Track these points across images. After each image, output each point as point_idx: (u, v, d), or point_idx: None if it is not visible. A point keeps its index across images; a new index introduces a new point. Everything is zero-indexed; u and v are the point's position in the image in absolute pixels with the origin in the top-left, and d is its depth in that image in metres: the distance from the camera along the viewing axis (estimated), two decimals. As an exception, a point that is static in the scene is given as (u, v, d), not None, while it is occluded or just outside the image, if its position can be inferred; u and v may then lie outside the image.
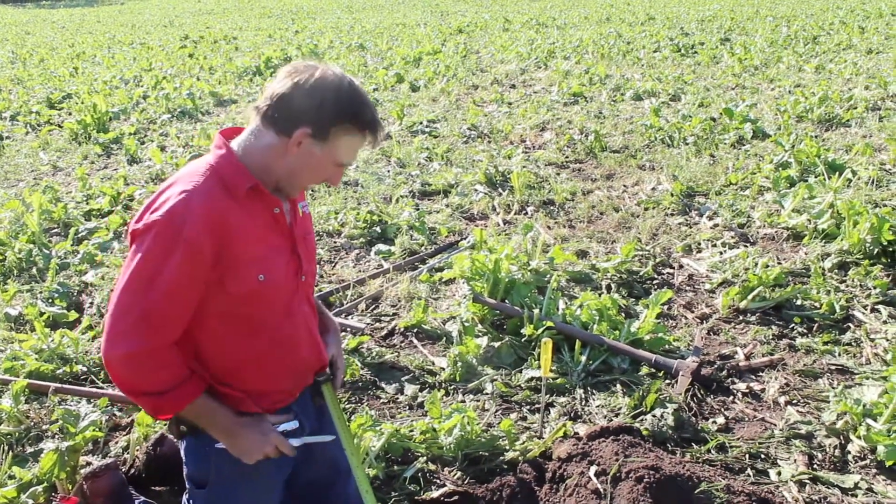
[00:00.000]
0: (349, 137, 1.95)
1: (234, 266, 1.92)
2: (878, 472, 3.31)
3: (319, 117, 1.90)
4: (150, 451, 3.24)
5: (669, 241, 6.00)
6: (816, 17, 23.09)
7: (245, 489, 2.20)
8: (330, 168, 1.99)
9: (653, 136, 9.04)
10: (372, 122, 1.96)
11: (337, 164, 1.99)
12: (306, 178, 2.01)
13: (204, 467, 2.17)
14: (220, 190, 1.92)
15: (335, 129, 1.92)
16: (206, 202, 1.87)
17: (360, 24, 27.45)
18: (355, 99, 1.94)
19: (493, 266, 4.74)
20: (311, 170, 1.98)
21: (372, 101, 2.00)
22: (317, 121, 1.90)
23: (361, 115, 1.94)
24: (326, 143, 1.93)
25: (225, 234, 1.88)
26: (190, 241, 1.83)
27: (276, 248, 2.03)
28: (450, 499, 3.15)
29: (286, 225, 2.07)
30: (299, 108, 1.89)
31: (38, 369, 4.15)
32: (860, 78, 12.21)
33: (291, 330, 2.12)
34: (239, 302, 1.97)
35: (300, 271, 2.11)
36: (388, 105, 11.65)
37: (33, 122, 11.39)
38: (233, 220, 1.90)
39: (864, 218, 5.32)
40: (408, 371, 4.24)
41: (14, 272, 5.67)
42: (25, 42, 26.22)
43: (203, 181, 1.91)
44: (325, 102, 1.89)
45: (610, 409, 3.82)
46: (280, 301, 2.07)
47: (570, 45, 18.17)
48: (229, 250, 1.90)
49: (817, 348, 4.33)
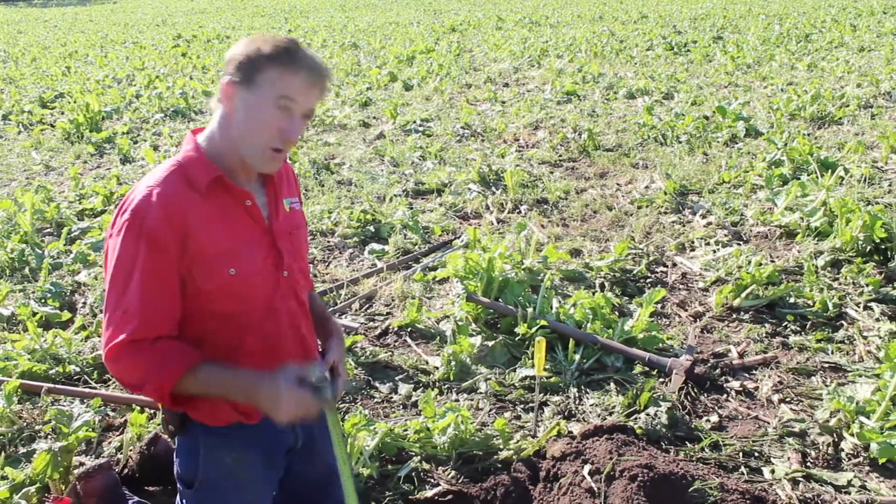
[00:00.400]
0: (278, 72, 1.86)
1: (201, 260, 1.92)
2: (872, 469, 3.32)
3: (241, 62, 1.87)
4: (144, 450, 3.23)
5: (663, 239, 6.00)
6: (809, 15, 23.16)
7: (233, 489, 2.17)
8: (270, 111, 1.88)
9: (646, 135, 9.06)
10: (299, 55, 1.88)
11: (278, 106, 1.88)
12: (256, 133, 1.91)
13: (192, 466, 2.15)
14: (183, 184, 1.92)
15: (260, 68, 1.87)
16: (166, 196, 1.88)
17: (353, 23, 27.43)
18: (277, 40, 1.89)
19: (487, 265, 4.74)
20: (254, 120, 1.90)
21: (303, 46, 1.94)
22: (239, 66, 1.88)
23: (283, 47, 1.88)
24: (255, 84, 1.87)
25: (186, 227, 1.88)
26: (151, 235, 1.84)
27: (249, 242, 2.00)
28: (444, 498, 3.15)
29: (262, 218, 2.03)
30: (227, 66, 1.90)
31: (30, 369, 4.13)
32: (852, 76, 12.25)
33: (274, 327, 2.09)
34: (214, 297, 1.96)
35: (281, 266, 2.06)
36: (382, 104, 11.64)
37: (25, 122, 11.35)
38: (195, 214, 1.90)
39: (857, 216, 5.33)
40: (402, 370, 4.24)
41: (6, 272, 5.65)
42: (17, 41, 26.12)
43: (165, 177, 1.92)
44: (247, 48, 1.88)
45: (604, 408, 3.82)
46: (259, 297, 2.04)
47: (563, 43, 18.18)
48: (193, 244, 1.89)
49: (810, 346, 4.34)
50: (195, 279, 1.93)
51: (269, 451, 2.20)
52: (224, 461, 2.11)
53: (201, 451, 2.12)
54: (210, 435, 2.10)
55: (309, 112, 1.94)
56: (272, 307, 2.08)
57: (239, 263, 1.97)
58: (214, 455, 2.10)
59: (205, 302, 1.97)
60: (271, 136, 1.91)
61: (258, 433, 2.14)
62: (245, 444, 2.12)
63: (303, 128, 1.95)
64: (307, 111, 1.93)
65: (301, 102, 1.90)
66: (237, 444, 2.10)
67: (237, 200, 1.99)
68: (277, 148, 1.92)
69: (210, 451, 2.11)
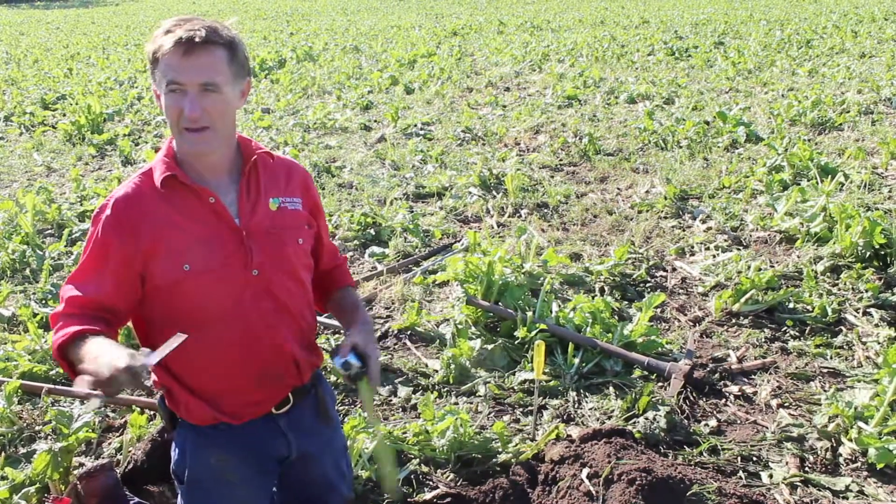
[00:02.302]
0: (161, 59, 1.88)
1: (155, 258, 1.96)
2: (870, 474, 3.32)
3: (148, 63, 1.94)
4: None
5: (663, 244, 6.01)
6: (810, 20, 23.18)
7: (220, 489, 2.18)
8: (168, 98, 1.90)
9: (646, 140, 9.07)
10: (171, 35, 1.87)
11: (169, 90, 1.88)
12: (169, 122, 1.94)
13: (182, 462, 2.17)
14: (145, 186, 2.01)
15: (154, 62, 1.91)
16: (125, 196, 1.99)
17: (354, 27, 27.46)
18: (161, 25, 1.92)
19: (487, 268, 4.75)
20: (165, 113, 1.93)
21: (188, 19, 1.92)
22: (148, 67, 1.94)
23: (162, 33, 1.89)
24: (156, 80, 1.92)
25: (140, 224, 1.96)
26: (98, 236, 1.97)
27: (208, 239, 2.00)
28: (442, 500, 3.15)
29: (228, 215, 2.02)
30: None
31: (31, 370, 4.14)
32: (853, 82, 12.26)
33: (243, 325, 2.05)
34: (171, 294, 1.99)
35: (250, 265, 2.03)
36: (383, 107, 11.67)
37: (27, 123, 11.37)
38: (153, 212, 1.97)
39: (857, 221, 5.34)
40: (401, 373, 4.24)
41: (7, 273, 5.67)
42: (20, 43, 26.15)
43: (134, 179, 2.03)
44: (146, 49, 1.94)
45: (602, 412, 3.83)
46: (222, 294, 2.02)
47: (565, 48, 18.20)
48: (147, 240, 1.95)
49: (809, 351, 4.34)
50: (153, 275, 1.98)
51: (258, 455, 2.18)
52: (209, 461, 2.13)
53: (188, 449, 2.14)
54: (196, 434, 2.13)
55: (206, 84, 1.89)
56: (240, 307, 2.05)
57: (193, 259, 1.97)
58: (200, 454, 2.13)
59: (165, 299, 2.01)
60: (175, 119, 1.91)
61: (244, 436, 2.14)
62: (230, 446, 2.12)
63: (208, 101, 1.90)
64: (200, 84, 1.88)
65: (184, 79, 1.87)
66: (222, 445, 2.11)
67: (200, 198, 2.00)
68: (186, 128, 1.92)
69: (196, 450, 2.14)
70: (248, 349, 2.08)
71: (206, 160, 2.02)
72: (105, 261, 1.96)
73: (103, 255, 1.96)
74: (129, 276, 1.96)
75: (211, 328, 2.03)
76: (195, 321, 2.01)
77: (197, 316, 2.02)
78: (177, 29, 1.87)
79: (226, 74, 1.91)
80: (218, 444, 2.10)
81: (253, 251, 2.03)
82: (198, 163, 2.02)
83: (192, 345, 1.98)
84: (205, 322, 2.02)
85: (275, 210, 2.11)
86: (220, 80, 1.90)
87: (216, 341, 2.05)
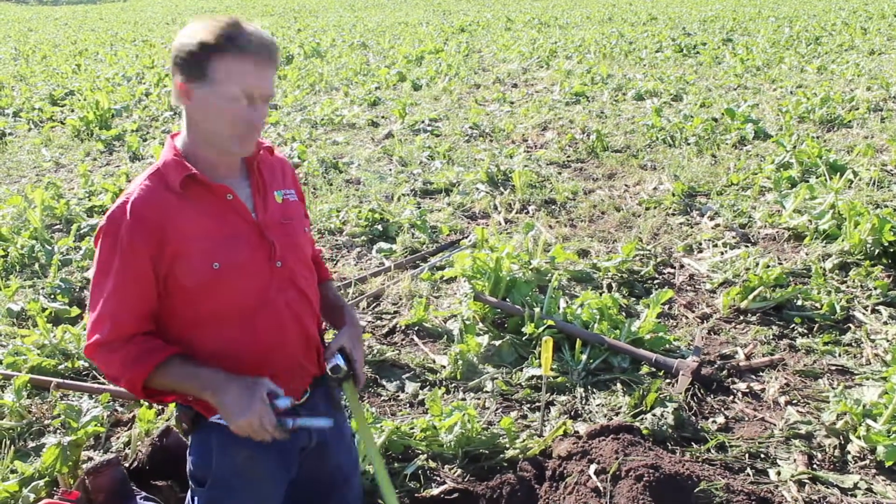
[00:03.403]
0: (227, 63, 1.84)
1: (182, 259, 1.94)
2: (878, 472, 3.31)
3: (187, 59, 1.85)
4: (156, 441, 3.24)
5: (670, 240, 6.00)
6: (819, 17, 23.08)
7: (245, 487, 2.16)
8: (229, 104, 1.87)
9: (654, 136, 9.04)
10: (243, 39, 1.84)
11: (234, 96, 1.86)
12: (221, 127, 1.91)
13: (205, 464, 2.14)
14: (160, 188, 1.96)
15: (207, 61, 1.84)
16: (141, 202, 1.92)
17: (362, 23, 27.46)
18: (220, 25, 1.85)
19: (495, 265, 4.75)
20: (217, 116, 1.89)
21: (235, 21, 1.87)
22: (186, 62, 1.85)
23: (229, 37, 1.84)
24: (208, 79, 1.85)
25: (162, 230, 1.92)
26: (125, 243, 1.91)
27: (232, 235, 2.00)
28: (450, 496, 3.16)
29: (247, 211, 2.04)
30: (174, 63, 1.89)
31: (40, 364, 4.16)
32: (862, 79, 12.21)
33: (271, 319, 2.07)
34: (199, 293, 1.98)
35: (274, 257, 2.06)
36: (391, 104, 11.66)
37: (36, 119, 11.41)
38: (172, 215, 1.94)
39: (866, 219, 5.32)
40: (409, 369, 4.25)
41: (16, 268, 5.69)
42: (28, 39, 26.23)
43: (143, 183, 1.97)
44: (191, 41, 1.85)
45: (610, 408, 3.82)
46: (250, 289, 2.03)
47: (573, 44, 18.17)
48: (172, 244, 1.93)
49: (818, 349, 4.33)
50: (178, 278, 1.95)
51: (283, 450, 2.17)
52: (236, 459, 2.11)
53: (214, 448, 2.12)
54: (223, 433, 2.08)
55: (271, 96, 1.94)
56: (267, 299, 2.07)
57: (222, 257, 1.97)
58: (228, 452, 2.10)
59: (191, 299, 1.99)
60: (237, 127, 1.91)
61: None
62: (258, 443, 2.11)
63: (266, 109, 1.95)
64: (268, 95, 1.93)
65: (257, 89, 1.89)
66: (250, 442, 2.08)
67: (217, 196, 2.00)
68: (243, 135, 1.93)
69: (223, 448, 2.11)
70: (278, 341, 2.10)
71: (229, 158, 2.04)
72: (136, 267, 1.92)
73: (133, 260, 1.92)
74: (156, 278, 1.96)
75: (240, 323, 2.04)
76: (225, 318, 2.03)
77: (226, 312, 2.02)
78: (246, 33, 1.85)
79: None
80: (246, 441, 2.04)
81: (275, 244, 2.06)
82: (219, 161, 2.01)
83: (221, 342, 2.03)
84: (234, 318, 2.03)
85: (280, 203, 2.14)
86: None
87: (246, 336, 2.05)
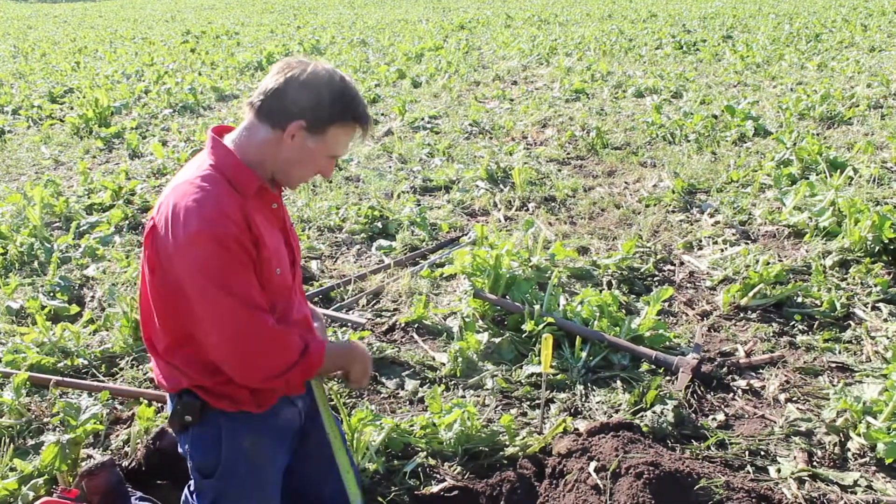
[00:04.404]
0: (341, 130, 2.01)
1: (262, 262, 2.01)
2: (878, 469, 3.31)
3: (314, 111, 1.96)
4: (151, 444, 3.24)
5: (670, 238, 5.99)
6: (819, 14, 23.06)
7: (251, 472, 2.22)
8: (323, 160, 2.06)
9: (654, 133, 9.04)
10: (363, 116, 2.02)
11: (330, 157, 2.06)
12: (301, 170, 2.07)
13: (213, 454, 2.20)
14: (231, 191, 1.99)
15: (328, 122, 1.98)
16: (231, 203, 1.95)
17: (361, 20, 27.43)
18: (347, 93, 2.00)
19: (494, 262, 4.74)
20: (306, 162, 2.04)
21: (361, 95, 2.07)
22: (311, 114, 1.96)
23: (353, 108, 2.00)
24: (319, 135, 1.99)
25: (253, 230, 1.98)
26: (237, 240, 1.91)
27: (280, 242, 2.12)
28: (449, 493, 3.15)
29: (282, 219, 2.17)
30: (293, 101, 1.95)
31: (39, 362, 4.15)
32: (862, 76, 12.19)
33: (296, 318, 2.21)
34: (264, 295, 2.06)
35: (296, 261, 2.22)
36: (390, 101, 11.65)
37: (35, 117, 11.39)
38: (253, 221, 1.99)
39: (866, 216, 5.31)
40: (408, 366, 4.24)
41: (16, 265, 5.68)
42: (27, 36, 26.22)
43: (215, 184, 1.96)
44: (319, 96, 1.95)
45: (610, 406, 3.82)
46: (286, 290, 2.16)
47: (572, 41, 18.15)
48: (261, 248, 2.00)
49: (818, 346, 4.33)
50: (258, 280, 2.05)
51: (282, 433, 2.28)
52: (243, 445, 2.18)
53: (223, 435, 2.17)
54: (230, 420, 2.16)
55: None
56: (291, 301, 2.20)
57: (280, 263, 2.09)
58: (235, 438, 2.17)
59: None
60: (311, 174, 2.10)
61: (273, 416, 2.20)
62: (262, 428, 2.20)
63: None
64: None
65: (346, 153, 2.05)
66: (256, 427, 2.18)
67: (267, 204, 2.10)
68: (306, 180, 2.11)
69: (231, 434, 2.17)
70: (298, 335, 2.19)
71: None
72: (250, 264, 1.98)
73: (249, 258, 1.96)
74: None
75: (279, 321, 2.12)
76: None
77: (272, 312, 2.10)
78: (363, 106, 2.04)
79: None
80: (251, 426, 2.18)
81: (294, 249, 2.22)
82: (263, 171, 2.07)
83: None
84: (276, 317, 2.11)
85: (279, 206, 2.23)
86: None
87: None
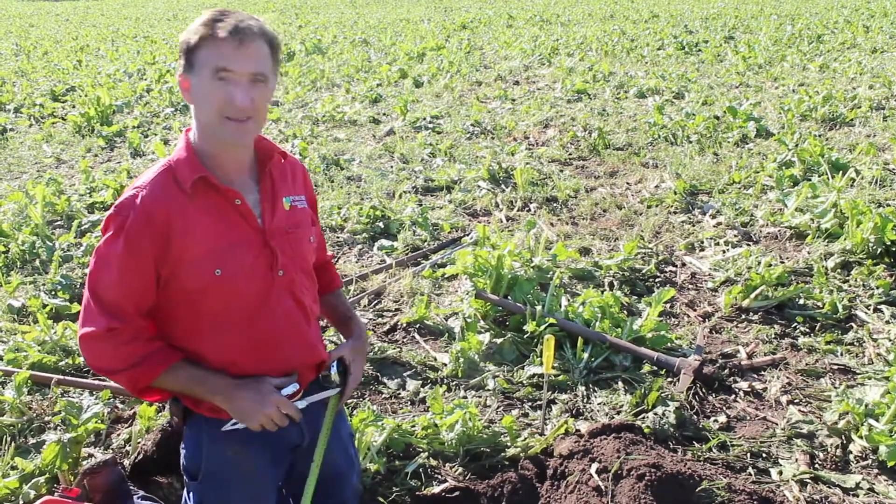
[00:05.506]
0: (207, 47, 1.87)
1: (186, 261, 1.93)
2: (880, 472, 3.31)
3: (182, 51, 1.91)
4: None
5: (672, 239, 5.99)
6: (821, 15, 23.04)
7: (236, 482, 2.17)
8: (213, 85, 1.88)
9: (656, 134, 9.03)
10: (221, 24, 1.86)
11: (217, 78, 1.87)
12: (208, 109, 1.91)
13: (196, 458, 2.16)
14: (171, 185, 1.95)
15: (195, 50, 1.88)
16: (150, 198, 1.92)
17: (363, 20, 27.43)
18: (205, 15, 1.91)
19: (496, 262, 4.74)
20: (203, 100, 1.91)
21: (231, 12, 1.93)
22: (182, 55, 1.92)
23: (209, 22, 1.87)
24: (195, 67, 1.89)
25: (169, 228, 1.91)
26: (130, 236, 1.90)
27: (237, 242, 2.00)
28: (451, 494, 3.15)
29: (253, 217, 2.03)
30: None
31: (40, 361, 4.15)
32: (864, 77, 12.18)
33: (269, 326, 2.07)
34: (199, 297, 1.98)
35: (275, 266, 2.05)
36: (392, 101, 11.65)
37: (37, 115, 11.39)
38: (180, 215, 1.93)
39: (868, 218, 5.31)
40: (410, 367, 4.24)
41: (17, 264, 5.68)
42: (29, 35, 26.22)
43: (154, 177, 1.96)
44: (184, 35, 1.91)
45: (612, 407, 3.82)
46: (250, 296, 2.03)
47: (574, 42, 18.15)
48: (177, 245, 1.92)
49: (819, 348, 4.32)
50: (179, 279, 1.96)
51: (273, 446, 2.18)
52: (226, 454, 2.13)
53: (204, 442, 2.13)
54: (213, 427, 2.10)
55: (256, 74, 1.90)
56: (266, 308, 2.07)
57: (224, 263, 1.97)
58: (217, 447, 2.12)
59: (191, 301, 1.99)
60: (220, 107, 1.89)
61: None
62: (247, 438, 2.10)
63: (257, 92, 1.91)
64: (251, 74, 1.89)
65: (236, 68, 1.87)
66: (241, 436, 2.10)
67: (226, 199, 1.99)
68: (230, 117, 1.90)
69: (213, 442, 2.12)
70: (272, 348, 2.10)
71: (235, 155, 2.02)
72: (141, 261, 1.91)
73: (138, 254, 1.91)
74: (155, 278, 1.96)
75: (237, 329, 2.04)
76: (224, 323, 2.03)
77: (224, 317, 2.03)
78: (226, 19, 1.87)
79: (271, 68, 1.95)
80: (235, 436, 2.09)
81: (277, 252, 2.06)
82: (226, 158, 2.00)
83: (217, 345, 2.04)
84: (231, 323, 2.03)
85: (288, 209, 2.12)
86: (267, 72, 1.93)
87: (242, 341, 2.06)
